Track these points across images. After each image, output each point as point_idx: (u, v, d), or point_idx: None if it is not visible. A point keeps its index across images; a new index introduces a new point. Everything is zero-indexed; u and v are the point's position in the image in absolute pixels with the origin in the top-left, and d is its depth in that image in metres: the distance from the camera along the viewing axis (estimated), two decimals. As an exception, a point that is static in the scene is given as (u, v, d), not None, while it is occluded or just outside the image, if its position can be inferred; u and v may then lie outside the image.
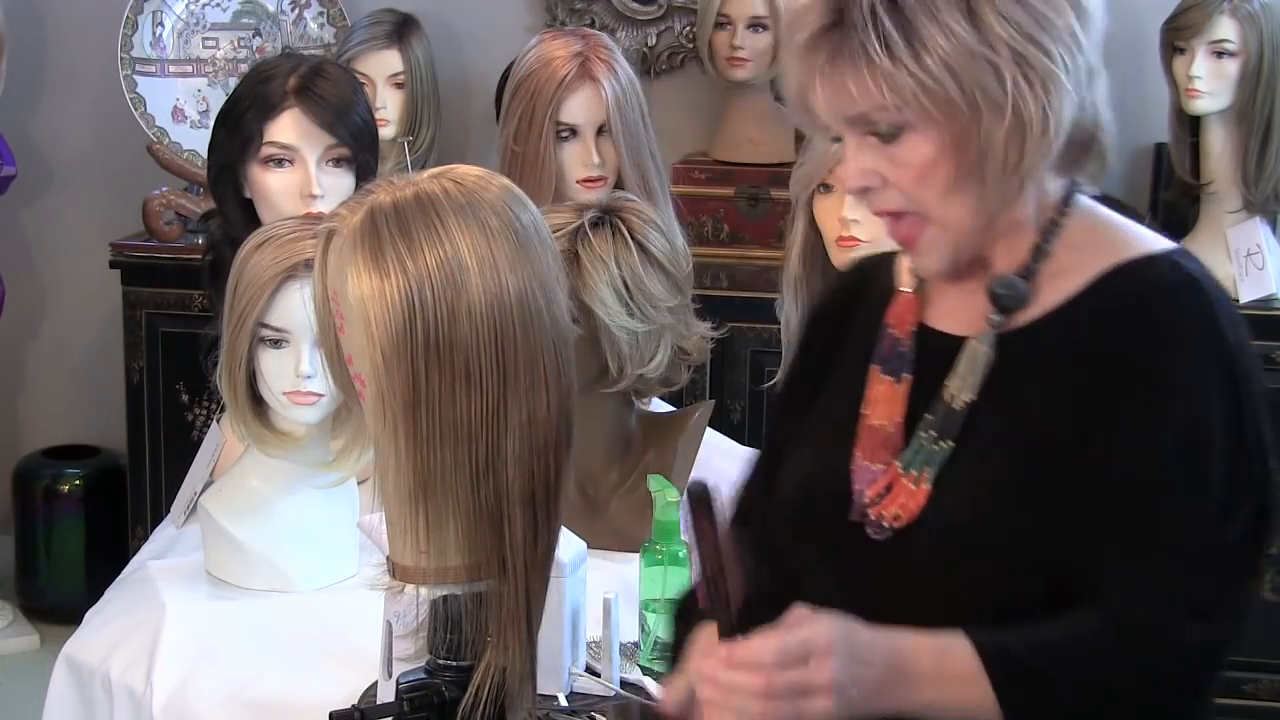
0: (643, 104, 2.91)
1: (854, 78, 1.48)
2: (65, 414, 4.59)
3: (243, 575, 2.33)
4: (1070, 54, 1.48)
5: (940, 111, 1.47)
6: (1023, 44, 1.45)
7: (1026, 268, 1.56)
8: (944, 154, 1.49)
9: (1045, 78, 1.46)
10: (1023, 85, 1.46)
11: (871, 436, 1.60)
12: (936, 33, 1.45)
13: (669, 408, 2.80)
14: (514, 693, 1.58)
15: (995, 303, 1.56)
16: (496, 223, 1.56)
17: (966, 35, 1.45)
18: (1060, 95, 1.47)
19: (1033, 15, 1.46)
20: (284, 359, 2.25)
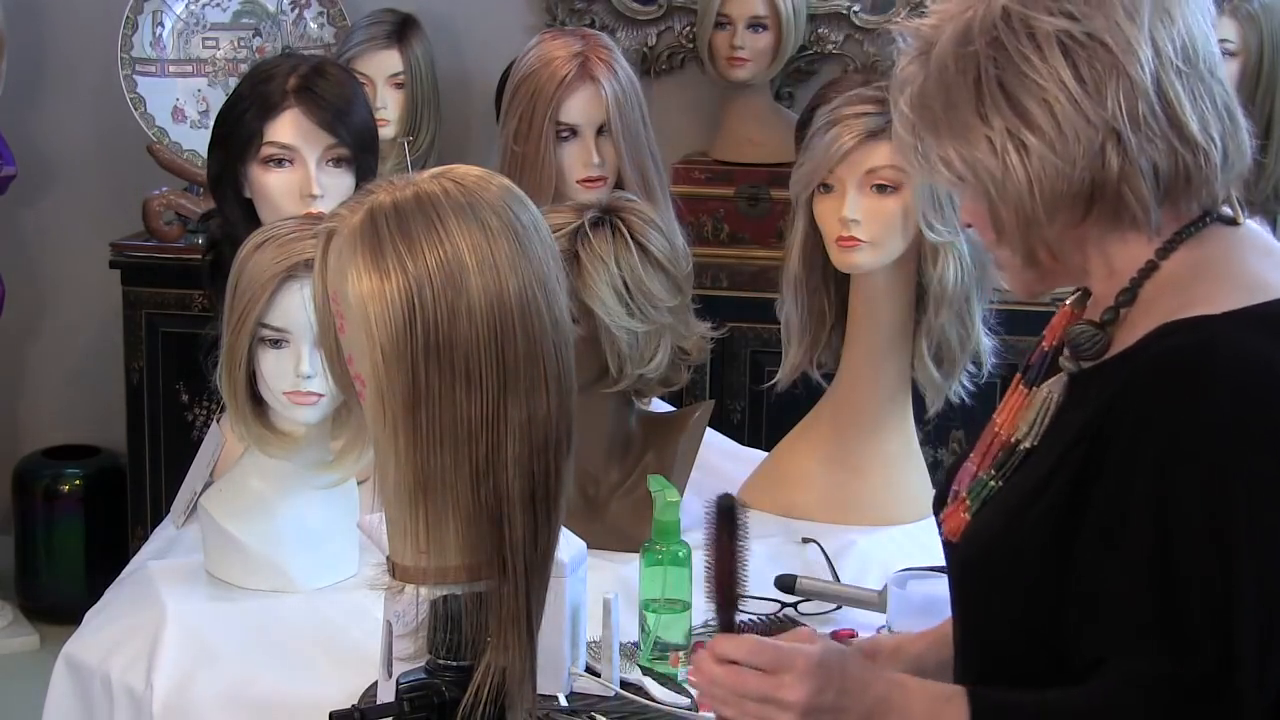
0: (643, 104, 2.91)
1: (901, 148, 1.60)
2: (65, 414, 4.59)
3: (243, 575, 2.33)
4: (1069, 125, 1.49)
5: (960, 180, 1.55)
6: (1016, 122, 1.50)
7: (1109, 311, 1.54)
8: (980, 214, 1.56)
9: (1036, 153, 1.50)
10: (1014, 160, 1.50)
11: (988, 441, 1.64)
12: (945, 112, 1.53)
13: (669, 408, 2.81)
14: (514, 693, 1.58)
15: (1071, 349, 1.56)
16: (496, 223, 1.56)
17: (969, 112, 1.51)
18: (1053, 169, 1.49)
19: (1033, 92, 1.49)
20: (284, 359, 2.25)
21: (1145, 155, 1.48)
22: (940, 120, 1.53)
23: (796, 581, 2.30)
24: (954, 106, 1.51)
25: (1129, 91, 1.48)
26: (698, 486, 2.62)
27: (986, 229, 1.57)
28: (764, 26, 3.90)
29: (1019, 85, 1.49)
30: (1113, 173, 1.48)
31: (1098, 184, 1.49)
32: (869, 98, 2.56)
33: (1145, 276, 1.52)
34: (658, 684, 2.05)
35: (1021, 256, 1.55)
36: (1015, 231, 1.52)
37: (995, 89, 1.49)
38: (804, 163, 2.58)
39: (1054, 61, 1.48)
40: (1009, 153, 1.49)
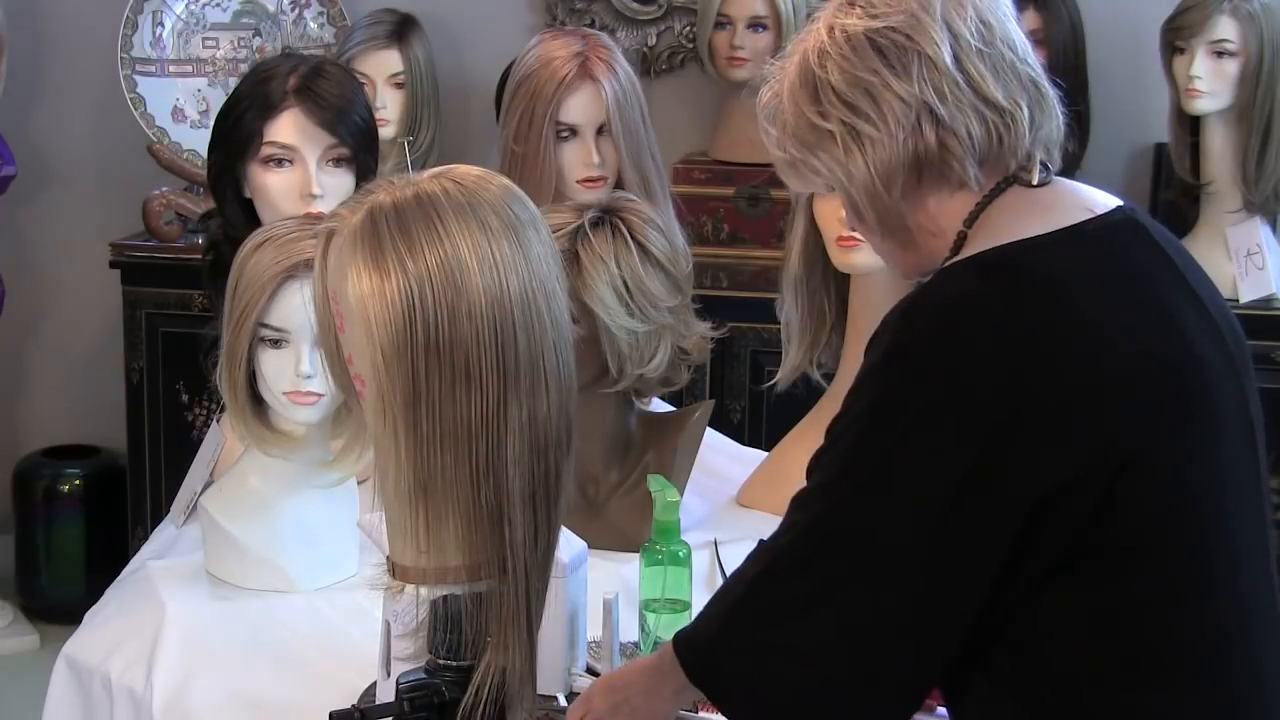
0: (643, 104, 2.91)
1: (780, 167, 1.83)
2: (65, 414, 4.59)
3: (243, 575, 2.33)
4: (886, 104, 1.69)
5: (817, 177, 1.76)
6: (846, 113, 1.71)
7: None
8: (847, 208, 1.78)
9: (866, 135, 1.70)
10: (851, 146, 1.71)
11: None
12: (790, 117, 1.76)
13: (669, 408, 2.80)
14: (514, 693, 1.58)
15: None
16: (496, 223, 1.56)
17: (810, 114, 1.73)
18: (882, 145, 1.70)
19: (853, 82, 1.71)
20: (284, 359, 2.25)
21: (958, 123, 1.68)
22: (801, 135, 1.75)
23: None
24: (806, 119, 1.73)
25: (931, 69, 1.68)
26: (698, 486, 2.63)
27: (857, 221, 1.77)
28: (764, 26, 3.90)
29: (846, 83, 1.70)
30: (931, 141, 1.68)
31: (921, 152, 1.69)
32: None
33: (958, 247, 1.71)
34: (658, 684, 2.05)
35: (884, 232, 1.75)
36: (870, 211, 1.73)
37: (829, 93, 1.71)
38: (804, 163, 2.58)
39: (867, 56, 1.70)
40: (849, 142, 1.70)
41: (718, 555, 2.44)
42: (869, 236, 1.80)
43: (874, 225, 1.75)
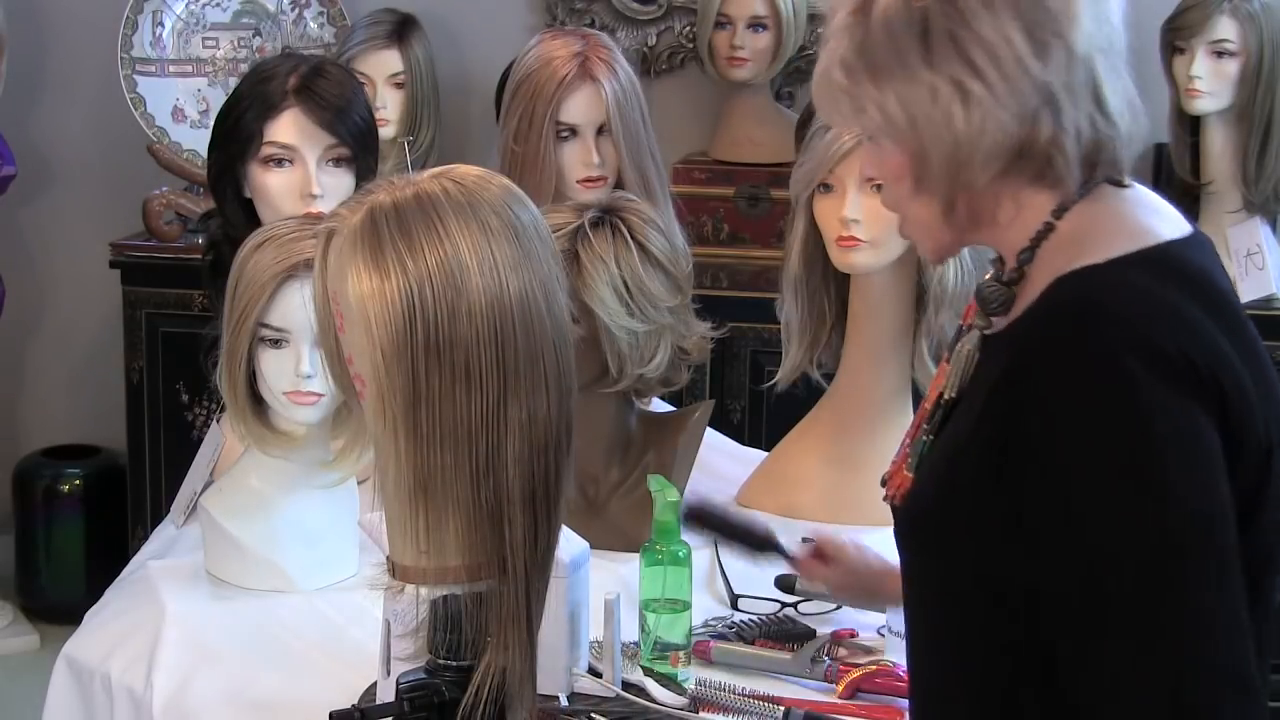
0: (643, 104, 2.91)
1: (827, 93, 1.63)
2: (65, 414, 4.59)
3: (243, 575, 2.33)
4: (1013, 81, 1.53)
5: (891, 128, 1.58)
6: (964, 73, 1.54)
7: (1013, 270, 1.59)
8: (905, 165, 1.60)
9: (981, 106, 1.54)
10: (956, 110, 1.54)
11: (920, 412, 1.70)
12: (891, 59, 1.56)
13: (669, 408, 2.80)
14: (514, 693, 1.58)
15: (981, 305, 1.61)
16: (496, 223, 1.56)
17: (916, 61, 1.55)
18: (994, 122, 1.54)
19: (984, 48, 1.53)
20: (284, 359, 2.25)
21: (1073, 122, 1.56)
22: (883, 67, 1.57)
23: (796, 581, 2.30)
24: (900, 55, 1.56)
25: (1070, 59, 1.55)
26: (698, 486, 2.63)
27: (902, 180, 1.61)
28: (764, 26, 3.90)
29: (969, 39, 1.53)
30: (1044, 134, 1.55)
31: (1028, 142, 1.55)
32: (869, 98, 2.56)
33: (1043, 236, 1.58)
34: (658, 684, 2.05)
35: (941, 207, 1.59)
36: (942, 180, 1.57)
37: (945, 41, 1.54)
38: (804, 162, 2.58)
39: (1005, 20, 1.53)
40: (954, 101, 1.54)
41: (718, 555, 2.44)
42: (905, 198, 1.63)
43: (930, 190, 1.59)
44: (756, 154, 3.94)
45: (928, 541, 1.61)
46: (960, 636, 1.58)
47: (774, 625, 2.26)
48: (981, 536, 1.52)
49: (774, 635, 2.23)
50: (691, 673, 2.11)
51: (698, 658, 2.14)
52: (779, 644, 2.20)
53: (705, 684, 2.07)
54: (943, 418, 1.63)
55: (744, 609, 2.31)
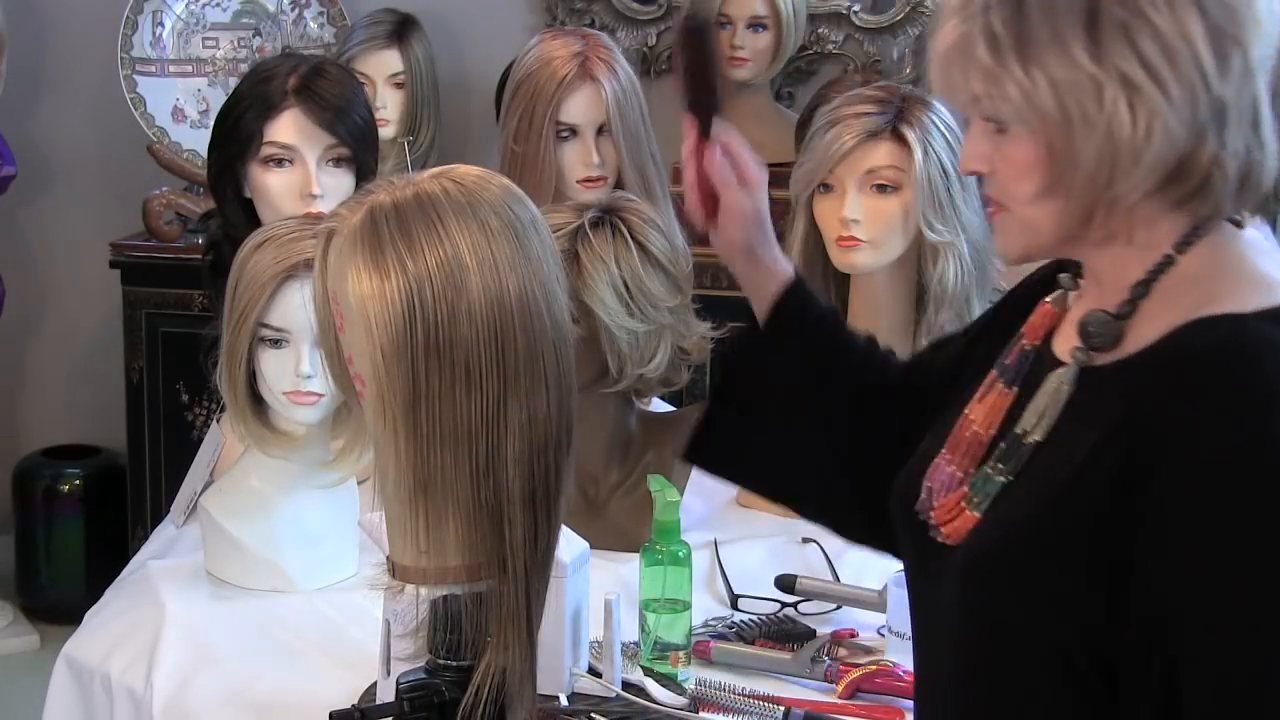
0: (643, 104, 2.91)
1: (960, 66, 1.45)
2: (65, 414, 4.59)
3: (243, 575, 2.33)
4: (1189, 88, 1.39)
5: (1036, 120, 1.42)
6: (1137, 72, 1.38)
7: (1125, 304, 1.47)
8: (1039, 159, 1.44)
9: (1151, 110, 1.39)
10: (1123, 112, 1.39)
11: (962, 438, 1.58)
12: (1048, 43, 1.40)
13: (669, 408, 2.80)
14: (514, 693, 1.58)
15: (1083, 338, 1.50)
16: (496, 223, 1.56)
17: (1080, 52, 1.39)
18: (1162, 130, 1.39)
19: (1161, 44, 1.38)
20: (284, 359, 2.25)
21: (1235, 142, 1.42)
22: (1037, 49, 1.40)
23: (796, 581, 2.30)
24: (1060, 38, 1.39)
25: (1245, 73, 1.41)
26: (698, 486, 2.63)
27: (1029, 177, 1.45)
28: (764, 26, 3.90)
29: (1144, 31, 1.38)
30: (1208, 152, 1.41)
31: (1190, 158, 1.41)
32: (869, 98, 2.56)
33: (1161, 270, 1.46)
34: (658, 684, 2.05)
35: (1077, 216, 1.45)
36: (1086, 187, 1.42)
37: (1115, 29, 1.38)
38: (804, 163, 2.58)
39: (1186, 15, 1.39)
40: (1119, 100, 1.38)
41: (718, 555, 2.44)
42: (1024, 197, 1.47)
43: (1065, 195, 1.44)
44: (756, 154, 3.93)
45: (1006, 583, 1.49)
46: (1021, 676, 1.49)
47: (774, 625, 2.26)
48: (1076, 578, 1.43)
49: (774, 635, 2.23)
50: (691, 673, 2.11)
51: (698, 658, 2.14)
52: (779, 644, 2.20)
53: (705, 684, 2.07)
54: (1025, 458, 1.51)
55: (744, 609, 2.31)
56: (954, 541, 1.54)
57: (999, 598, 1.50)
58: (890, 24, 4.18)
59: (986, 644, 1.52)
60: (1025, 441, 1.51)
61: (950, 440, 1.58)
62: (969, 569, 1.52)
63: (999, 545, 1.50)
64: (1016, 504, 1.50)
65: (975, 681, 1.54)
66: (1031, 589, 1.47)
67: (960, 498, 1.55)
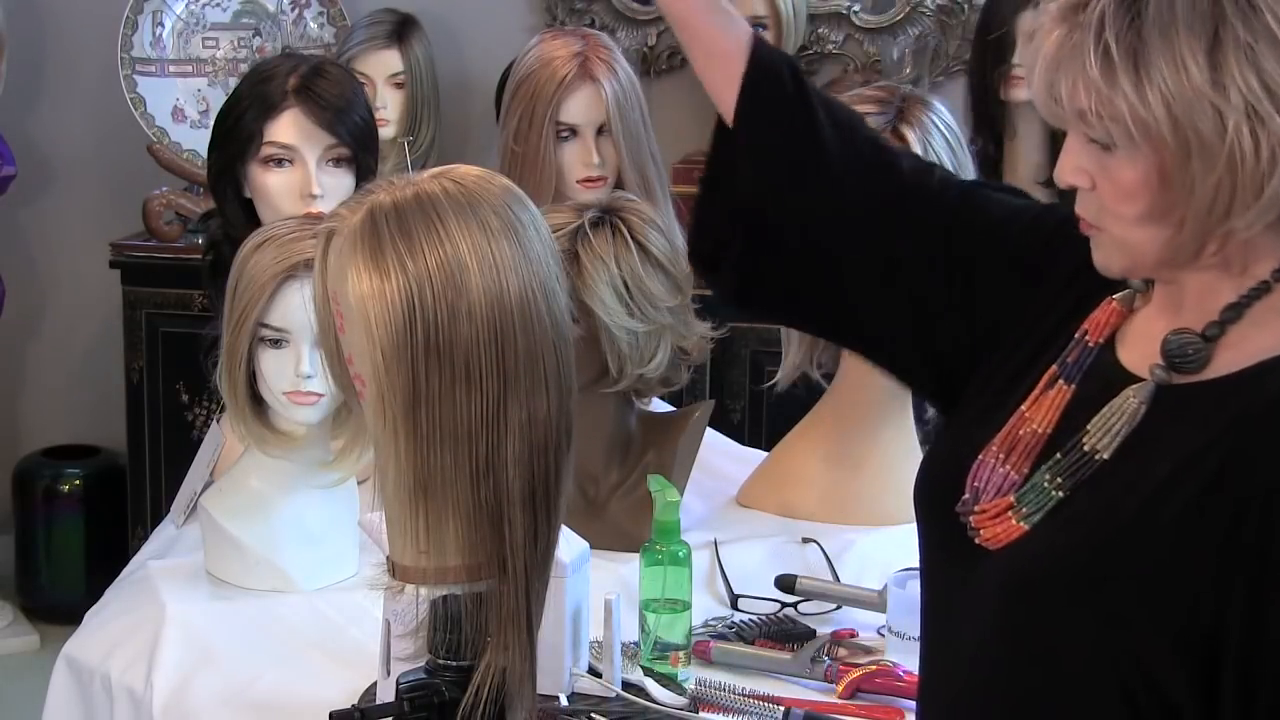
0: (643, 104, 2.91)
1: (1067, 77, 1.38)
2: (65, 414, 4.59)
3: (243, 575, 2.33)
4: None
5: (1147, 142, 1.35)
6: (1261, 98, 1.32)
7: (1214, 324, 1.42)
8: (1148, 182, 1.37)
9: (1276, 138, 1.33)
10: (1245, 140, 1.32)
11: (1019, 437, 1.51)
12: (1165, 63, 1.33)
13: (669, 408, 2.80)
14: (514, 693, 1.58)
15: (1165, 357, 1.44)
16: (496, 223, 1.56)
17: (1199, 74, 1.32)
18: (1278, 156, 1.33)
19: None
20: (284, 359, 2.25)
21: None
22: (1156, 69, 1.33)
23: (796, 581, 2.30)
24: (1180, 59, 1.32)
25: None
26: (698, 486, 2.63)
27: (1135, 200, 1.38)
28: (764, 26, 3.90)
29: (1272, 57, 1.31)
30: None
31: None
32: (869, 98, 2.56)
33: (1257, 296, 1.40)
34: (658, 684, 2.05)
35: (1191, 244, 1.38)
36: (1200, 217, 1.35)
37: (1241, 55, 1.31)
38: (804, 162, 2.57)
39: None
40: (1241, 129, 1.31)
41: (718, 555, 2.44)
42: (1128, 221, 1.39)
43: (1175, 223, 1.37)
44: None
45: (1060, 609, 1.43)
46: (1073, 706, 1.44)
47: (774, 625, 2.26)
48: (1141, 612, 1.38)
49: (774, 635, 2.23)
50: (691, 673, 2.11)
51: (698, 658, 2.14)
52: (779, 644, 2.20)
53: (705, 684, 2.07)
54: (1087, 474, 1.45)
55: (744, 609, 2.31)
56: (994, 547, 1.49)
57: (1052, 623, 1.44)
58: (890, 24, 4.18)
59: (1035, 669, 1.46)
60: (1091, 459, 1.45)
61: (1003, 438, 1.52)
62: (1015, 586, 1.46)
63: (1054, 566, 1.44)
64: (1072, 524, 1.44)
65: (1019, 707, 1.49)
66: (1090, 618, 1.41)
67: (1007, 505, 1.49)
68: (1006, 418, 1.53)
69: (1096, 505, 1.44)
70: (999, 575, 1.48)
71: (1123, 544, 1.40)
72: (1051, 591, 1.44)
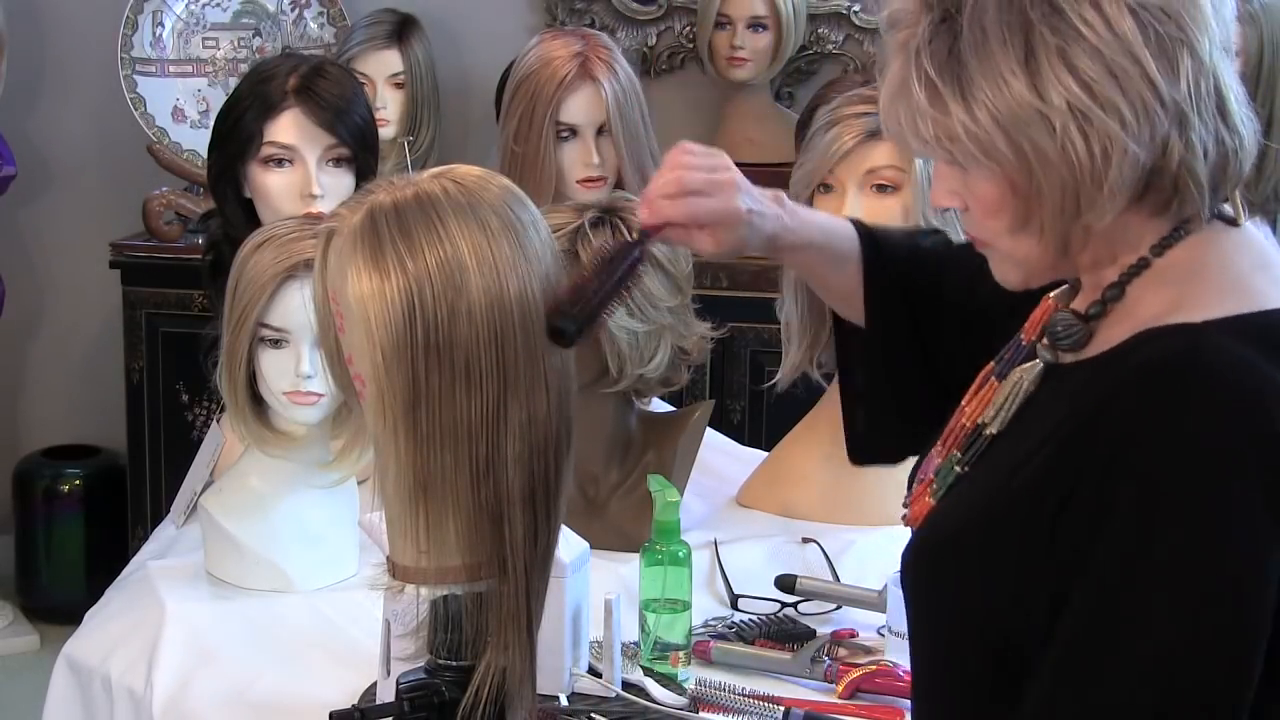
0: (643, 104, 2.91)
1: (904, 108, 1.41)
2: (65, 414, 4.59)
3: (243, 575, 2.33)
4: (1141, 104, 1.35)
5: (990, 159, 1.38)
6: (1083, 99, 1.34)
7: (1095, 304, 1.45)
8: (1005, 196, 1.40)
9: (1105, 135, 1.35)
10: (1076, 140, 1.35)
11: (954, 429, 1.56)
12: (987, 82, 1.36)
13: (669, 408, 2.80)
14: (514, 693, 1.58)
15: (1050, 337, 1.48)
16: (496, 223, 1.56)
17: (1019, 85, 1.35)
18: (1121, 153, 1.35)
19: (1103, 65, 1.34)
20: (284, 359, 2.25)
21: (1200, 140, 1.38)
22: (978, 88, 1.36)
23: (796, 581, 2.30)
24: (999, 75, 1.35)
25: (1197, 70, 1.37)
26: (698, 486, 2.63)
27: (1000, 214, 1.41)
28: (764, 26, 3.90)
29: (1085, 55, 1.34)
30: (1174, 158, 1.37)
31: (1157, 169, 1.37)
32: (869, 97, 2.56)
33: (1135, 273, 1.43)
34: (658, 684, 2.05)
35: (1054, 247, 1.42)
36: (1055, 218, 1.39)
37: (1055, 59, 1.34)
38: (804, 163, 2.58)
39: (1126, 32, 1.34)
40: (1069, 131, 1.34)
41: (718, 555, 2.44)
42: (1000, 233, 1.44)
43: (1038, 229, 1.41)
44: (756, 154, 3.93)
45: (938, 569, 1.49)
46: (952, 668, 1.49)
47: (774, 625, 2.26)
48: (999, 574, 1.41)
49: (774, 635, 2.23)
50: (691, 673, 2.11)
51: (698, 658, 2.14)
52: (779, 644, 2.20)
53: (705, 684, 2.07)
54: (981, 450, 1.50)
55: (744, 609, 2.31)
56: (914, 527, 1.55)
57: (934, 587, 1.50)
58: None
59: (931, 639, 1.52)
60: (983, 434, 1.51)
61: (945, 433, 1.58)
62: (912, 556, 1.53)
63: (933, 536, 1.51)
64: (963, 494, 1.51)
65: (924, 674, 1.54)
66: (958, 584, 1.46)
67: (927, 485, 1.55)
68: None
69: (980, 477, 1.50)
70: (909, 555, 1.54)
71: (986, 512, 1.44)
72: (933, 560, 1.50)
